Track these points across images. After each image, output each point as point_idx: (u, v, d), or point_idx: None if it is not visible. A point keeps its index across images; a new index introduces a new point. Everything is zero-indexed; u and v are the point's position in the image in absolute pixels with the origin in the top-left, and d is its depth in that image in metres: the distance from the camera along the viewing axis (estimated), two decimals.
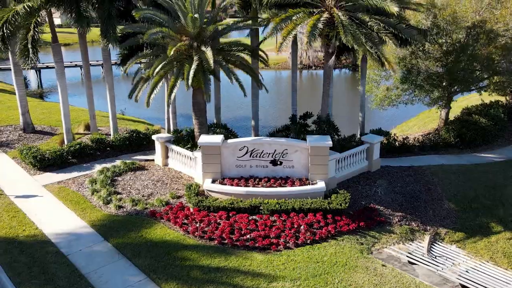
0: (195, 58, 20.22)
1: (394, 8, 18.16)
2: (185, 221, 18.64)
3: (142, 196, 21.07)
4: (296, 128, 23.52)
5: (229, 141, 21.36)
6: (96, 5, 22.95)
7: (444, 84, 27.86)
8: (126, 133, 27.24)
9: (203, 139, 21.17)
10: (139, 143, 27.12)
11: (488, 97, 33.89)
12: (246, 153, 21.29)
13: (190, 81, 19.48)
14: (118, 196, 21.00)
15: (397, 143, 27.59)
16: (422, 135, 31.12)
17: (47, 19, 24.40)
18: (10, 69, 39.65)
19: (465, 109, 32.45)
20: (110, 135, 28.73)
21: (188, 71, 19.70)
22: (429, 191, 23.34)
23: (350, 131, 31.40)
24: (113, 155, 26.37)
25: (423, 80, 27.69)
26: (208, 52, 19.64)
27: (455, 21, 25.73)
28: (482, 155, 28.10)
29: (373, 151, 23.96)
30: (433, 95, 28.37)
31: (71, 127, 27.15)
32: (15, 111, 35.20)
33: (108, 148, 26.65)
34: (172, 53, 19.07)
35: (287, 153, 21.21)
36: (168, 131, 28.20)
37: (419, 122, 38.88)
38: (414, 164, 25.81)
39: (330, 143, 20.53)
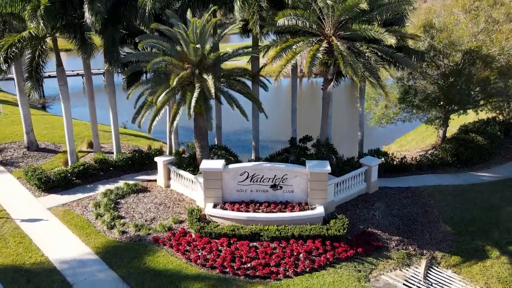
0: (197, 85, 20.70)
1: (391, 40, 18.63)
2: (187, 248, 19.12)
3: (145, 221, 21.54)
4: (296, 152, 24.00)
5: (230, 166, 21.84)
6: (100, 31, 23.36)
7: (441, 103, 28.30)
8: (129, 153, 27.74)
9: (205, 164, 21.64)
10: (142, 162, 27.59)
11: (485, 114, 34.38)
12: (247, 178, 21.77)
13: (192, 109, 19.97)
14: (122, 220, 21.48)
15: (395, 163, 28.05)
16: (420, 153, 31.64)
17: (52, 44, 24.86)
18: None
19: (463, 126, 32.90)
20: (113, 153, 29.23)
21: (190, 99, 20.20)
22: (426, 213, 23.81)
23: (349, 147, 31.95)
24: (116, 175, 26.85)
25: (420, 101, 28.15)
26: (210, 81, 20.13)
27: (452, 44, 26.19)
28: (479, 174, 28.57)
29: (371, 174, 24.43)
30: (431, 114, 28.80)
31: (74, 144, 27.53)
32: (18, 126, 35.70)
33: (111, 168, 27.11)
34: (174, 83, 19.53)
35: (287, 178, 21.69)
36: (170, 152, 28.64)
37: (418, 136, 39.37)
38: (412, 184, 26.27)
39: (329, 169, 21.00)
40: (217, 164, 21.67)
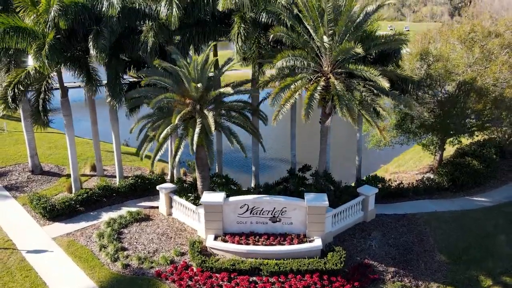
0: (198, 120, 21.30)
1: (385, 84, 19.22)
2: (189, 283, 19.71)
3: (148, 253, 22.14)
4: (295, 182, 24.58)
5: (231, 199, 22.42)
6: (103, 64, 23.92)
7: (437, 130, 28.86)
8: (131, 178, 28.32)
9: (206, 198, 22.23)
10: (144, 187, 28.19)
11: (481, 135, 34.90)
12: (247, 210, 22.37)
13: (194, 146, 20.58)
14: (125, 252, 22.08)
15: (392, 188, 28.64)
16: (417, 175, 32.24)
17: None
18: None
19: (459, 148, 33.46)
20: (115, 176, 29.80)
21: (192, 136, 20.82)
22: (422, 242, 24.40)
23: (347, 166, 32.37)
24: (119, 201, 27.45)
25: (417, 127, 28.73)
26: (210, 118, 20.72)
27: (447, 73, 26.76)
28: (474, 198, 29.16)
29: (369, 203, 25.02)
30: (426, 141, 29.40)
31: (78, 171, 28.09)
32: (22, 145, 36.21)
33: (114, 194, 27.69)
34: (176, 121, 20.12)
35: (286, 211, 22.28)
36: (172, 176, 29.20)
37: (415, 155, 39.90)
38: (408, 211, 26.85)
39: (326, 203, 21.59)
40: (218, 197, 22.26)
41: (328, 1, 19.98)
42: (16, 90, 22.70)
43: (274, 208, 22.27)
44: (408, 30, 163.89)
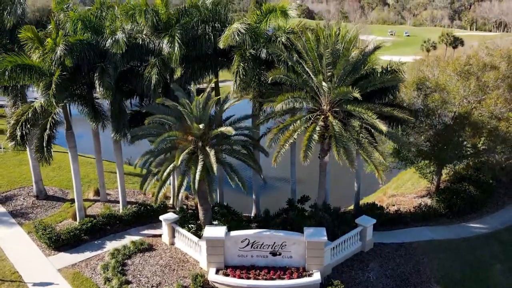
0: (200, 157, 21.88)
1: (383, 128, 19.80)
2: None
3: (151, 286, 22.72)
4: (294, 214, 25.17)
5: (232, 234, 23.01)
6: (108, 99, 24.49)
7: (434, 156, 29.40)
8: (135, 207, 28.91)
9: (208, 233, 22.82)
10: (147, 215, 28.77)
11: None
12: (248, 244, 22.96)
13: (196, 185, 21.17)
14: (129, 286, 22.66)
15: (390, 214, 29.23)
16: (415, 199, 32.79)
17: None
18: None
19: (456, 173, 34.00)
20: (119, 202, 30.37)
21: (194, 174, 21.39)
22: (419, 273, 24.97)
23: (346, 188, 32.83)
24: (123, 229, 28.03)
25: (414, 156, 29.30)
26: (212, 157, 21.29)
27: (444, 103, 27.31)
28: (471, 225, 29.70)
29: (367, 233, 25.59)
30: (424, 170, 29.99)
31: (82, 200, 28.68)
32: (26, 166, 36.82)
33: (117, 222, 28.25)
34: (179, 162, 20.71)
35: (285, 245, 22.87)
36: (174, 203, 29.80)
37: (414, 175, 40.26)
38: (406, 239, 27.41)
39: (325, 238, 22.18)
40: (219, 232, 22.84)
41: (327, 46, 20.56)
42: (24, 128, 23.26)
43: (274, 242, 22.85)
44: (408, 35, 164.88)
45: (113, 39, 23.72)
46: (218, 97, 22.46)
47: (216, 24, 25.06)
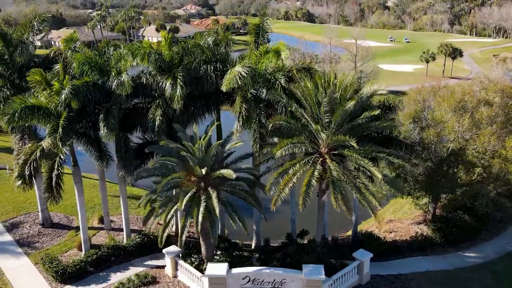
0: (203, 198, 22.65)
1: (379, 175, 20.61)
2: None
3: None
4: (293, 249, 25.96)
5: (233, 271, 23.80)
6: (112, 140, 25.29)
7: (429, 189, 30.19)
8: (138, 237, 29.67)
9: (210, 270, 23.63)
10: (151, 245, 29.52)
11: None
12: (249, 281, 23.75)
13: (199, 227, 21.98)
14: None
15: (387, 243, 30.02)
16: (411, 229, 33.54)
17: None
18: None
19: (453, 199, 34.70)
20: (123, 230, 31.14)
21: (197, 216, 22.19)
22: None
23: (344, 217, 33.72)
24: (127, 259, 28.81)
25: (411, 189, 30.11)
26: (214, 200, 22.08)
27: (439, 139, 28.09)
28: (466, 254, 30.47)
29: (364, 267, 26.37)
30: (419, 201, 30.79)
31: (87, 232, 29.47)
32: (31, 190, 37.52)
33: (122, 252, 29.02)
34: (183, 207, 21.50)
35: (285, 282, 23.66)
36: (176, 233, 30.52)
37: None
38: (402, 271, 28.18)
39: (323, 276, 22.95)
40: (221, 269, 23.64)
41: (325, 95, 21.35)
42: (32, 167, 24.06)
43: (274, 279, 23.64)
44: (408, 41, 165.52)
45: (119, 80, 24.40)
46: (219, 141, 23.20)
47: (217, 65, 25.84)
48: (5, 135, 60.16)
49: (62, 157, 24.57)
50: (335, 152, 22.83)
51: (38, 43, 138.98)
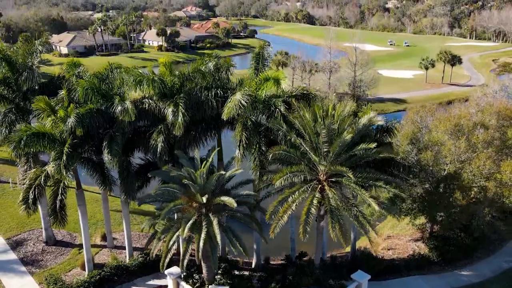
0: (204, 225, 23.17)
1: (376, 207, 21.19)
2: None
3: None
4: (293, 272, 26.50)
5: None
6: (116, 166, 25.81)
7: (426, 211, 30.75)
8: (141, 257, 30.22)
9: None
10: (153, 265, 30.04)
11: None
12: None
13: (200, 253, 22.54)
14: None
15: (385, 261, 30.57)
16: (409, 246, 34.08)
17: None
18: None
19: (450, 217, 35.21)
20: (125, 248, 31.68)
21: (198, 242, 22.72)
22: None
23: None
24: (129, 279, 29.37)
25: (408, 209, 30.66)
26: (215, 226, 22.61)
27: (436, 162, 28.63)
28: (462, 273, 30.99)
29: None
30: (416, 222, 31.36)
31: (91, 252, 30.04)
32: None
33: (124, 272, 29.57)
34: (185, 234, 22.04)
35: None
36: (178, 251, 31.06)
37: None
38: None
39: None
40: None
41: (324, 127, 21.91)
42: (36, 192, 24.62)
43: None
44: (408, 45, 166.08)
45: (123, 107, 24.83)
46: (220, 173, 23.68)
47: (218, 91, 26.37)
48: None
49: (66, 183, 25.07)
50: (333, 180, 23.36)
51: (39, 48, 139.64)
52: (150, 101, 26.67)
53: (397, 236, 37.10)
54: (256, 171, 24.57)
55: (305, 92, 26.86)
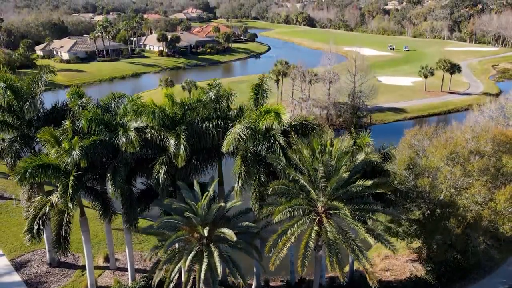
0: (205, 255, 23.79)
1: (371, 241, 21.80)
2: None
3: None
4: None
5: None
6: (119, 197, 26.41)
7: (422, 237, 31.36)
8: (143, 280, 30.85)
9: None
10: None
11: None
12: None
13: (201, 285, 23.14)
14: None
15: (383, 285, 31.17)
16: (406, 267, 34.70)
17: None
18: None
19: (445, 244, 35.74)
20: (127, 269, 32.29)
21: (199, 273, 23.34)
22: None
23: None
24: None
25: (404, 233, 31.26)
26: (216, 258, 23.22)
27: (432, 189, 29.23)
28: None
29: None
30: (413, 245, 31.91)
31: (94, 276, 30.69)
32: None
33: None
34: (186, 266, 22.66)
35: None
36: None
37: None
38: None
39: None
40: None
41: (321, 165, 22.52)
42: (41, 222, 25.25)
43: None
44: (408, 50, 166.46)
45: (127, 138, 25.33)
46: (220, 205, 24.24)
47: (219, 121, 26.97)
48: None
49: (70, 213, 25.69)
50: (331, 212, 23.96)
51: (41, 53, 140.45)
52: (152, 130, 27.24)
53: (395, 256, 37.67)
54: (255, 203, 25.15)
55: (303, 122, 27.44)
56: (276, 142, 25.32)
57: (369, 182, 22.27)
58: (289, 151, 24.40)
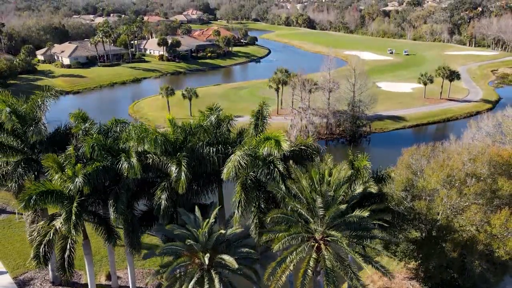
0: (206, 281, 24.29)
1: (368, 271, 22.28)
2: None
3: None
4: None
5: None
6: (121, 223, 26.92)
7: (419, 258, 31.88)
8: None
9: None
10: None
11: None
12: None
13: None
14: None
15: None
16: (403, 285, 35.15)
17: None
18: None
19: (442, 266, 36.18)
20: (129, 287, 32.85)
21: None
22: None
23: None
24: None
25: (402, 252, 31.78)
26: (217, 286, 23.72)
27: (429, 211, 29.73)
28: None
29: None
30: (411, 265, 32.39)
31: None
32: None
33: None
34: None
35: None
36: None
37: None
38: None
39: None
40: None
41: (319, 196, 23.05)
42: (46, 248, 25.75)
43: None
44: (408, 54, 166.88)
45: (129, 164, 25.81)
46: (220, 232, 24.73)
47: (219, 147, 27.46)
48: None
49: (74, 238, 26.18)
50: (329, 239, 24.46)
51: (42, 58, 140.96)
52: (154, 156, 27.72)
53: (392, 275, 38.09)
54: (255, 230, 25.65)
55: (303, 148, 27.91)
56: (276, 169, 25.79)
57: (366, 213, 22.77)
58: (289, 180, 24.91)
